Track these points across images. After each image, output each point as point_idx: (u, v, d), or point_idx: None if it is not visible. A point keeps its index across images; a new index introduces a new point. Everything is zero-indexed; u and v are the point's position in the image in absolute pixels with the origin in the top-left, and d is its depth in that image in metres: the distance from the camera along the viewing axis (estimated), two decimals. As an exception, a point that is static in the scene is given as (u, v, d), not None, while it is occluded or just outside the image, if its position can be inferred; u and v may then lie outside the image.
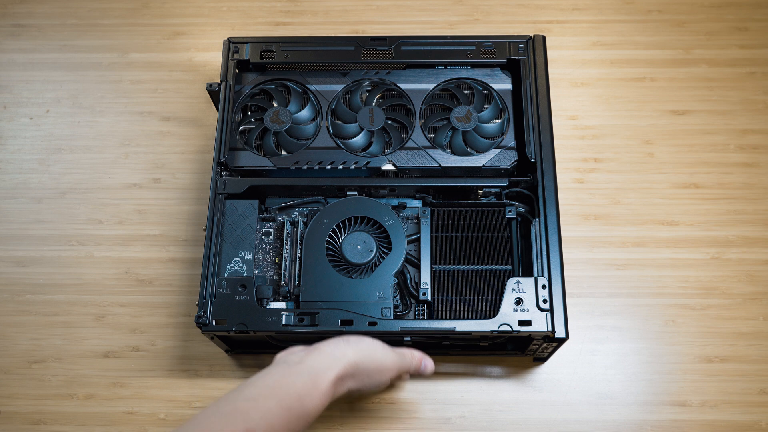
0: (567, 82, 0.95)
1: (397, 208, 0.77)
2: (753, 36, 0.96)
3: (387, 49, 0.82)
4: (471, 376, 0.79)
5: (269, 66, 0.83)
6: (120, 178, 0.91)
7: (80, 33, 1.00)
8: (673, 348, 0.80)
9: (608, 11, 0.99)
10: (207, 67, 0.97)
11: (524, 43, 0.81)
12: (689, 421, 0.77)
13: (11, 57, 0.99)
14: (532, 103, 0.78)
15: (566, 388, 0.79)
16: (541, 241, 0.72)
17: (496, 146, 0.78)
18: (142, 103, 0.95)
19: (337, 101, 0.81)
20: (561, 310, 0.69)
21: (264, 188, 0.78)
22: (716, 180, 0.88)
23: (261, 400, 0.57)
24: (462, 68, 0.82)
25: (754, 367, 0.79)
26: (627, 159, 0.90)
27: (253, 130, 0.80)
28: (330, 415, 0.77)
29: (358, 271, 0.73)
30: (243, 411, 0.56)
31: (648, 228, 0.86)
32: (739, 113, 0.92)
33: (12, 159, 0.92)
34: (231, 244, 0.74)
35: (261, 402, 0.57)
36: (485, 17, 0.99)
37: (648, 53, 0.96)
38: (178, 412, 0.78)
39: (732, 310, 0.82)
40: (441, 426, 0.77)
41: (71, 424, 0.78)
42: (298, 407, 0.58)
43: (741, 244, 0.85)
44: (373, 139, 0.79)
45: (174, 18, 1.01)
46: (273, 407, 0.57)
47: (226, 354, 0.80)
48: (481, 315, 0.71)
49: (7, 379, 0.81)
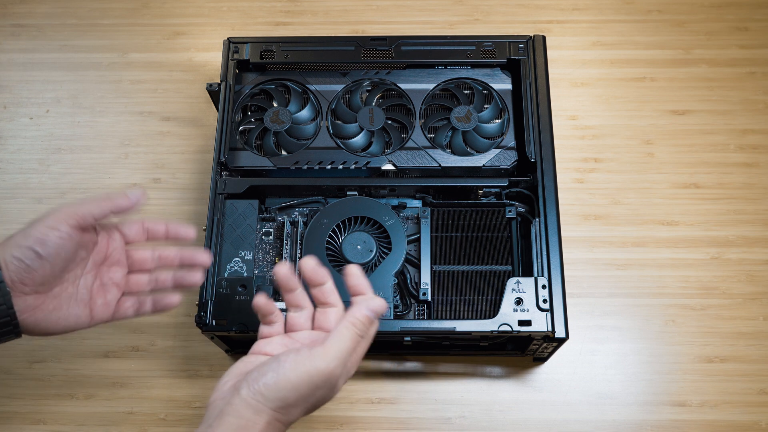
0: (567, 82, 0.95)
1: (397, 208, 0.77)
2: (753, 36, 0.96)
3: (387, 49, 0.82)
4: (471, 376, 0.79)
5: (269, 66, 0.83)
6: (120, 178, 0.91)
7: (80, 33, 1.00)
8: (673, 348, 0.80)
9: (608, 11, 0.99)
10: (207, 67, 0.97)
11: (524, 43, 0.81)
12: (689, 421, 0.77)
13: (11, 57, 0.99)
14: (532, 103, 0.78)
15: (566, 388, 0.79)
16: (541, 241, 0.72)
17: (496, 146, 0.78)
18: (142, 103, 0.95)
19: (337, 101, 0.81)
20: (561, 310, 0.69)
21: (264, 188, 0.78)
22: (716, 180, 0.88)
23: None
24: (462, 68, 0.82)
25: (754, 367, 0.79)
26: (627, 159, 0.90)
27: (253, 130, 0.80)
28: (330, 415, 0.77)
29: (358, 271, 0.73)
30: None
31: (648, 228, 0.86)
32: (739, 113, 0.92)
33: (12, 159, 0.92)
34: (231, 244, 0.74)
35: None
36: (485, 17, 0.99)
37: (648, 53, 0.96)
38: (178, 412, 0.78)
39: (732, 310, 0.82)
40: (441, 426, 0.77)
41: (71, 424, 0.78)
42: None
43: (741, 244, 0.85)
44: (373, 139, 0.79)
45: (174, 18, 1.01)
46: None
47: (226, 354, 0.80)
48: (481, 315, 0.71)
49: (7, 379, 0.81)
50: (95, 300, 0.60)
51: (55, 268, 0.56)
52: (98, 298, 0.60)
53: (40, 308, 0.56)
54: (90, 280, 0.60)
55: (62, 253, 0.56)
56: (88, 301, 0.59)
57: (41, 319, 0.56)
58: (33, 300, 0.56)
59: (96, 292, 0.60)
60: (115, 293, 0.61)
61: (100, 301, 0.60)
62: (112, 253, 0.61)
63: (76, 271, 0.59)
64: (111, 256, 0.61)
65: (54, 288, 0.57)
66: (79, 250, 0.58)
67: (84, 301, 0.59)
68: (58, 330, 0.58)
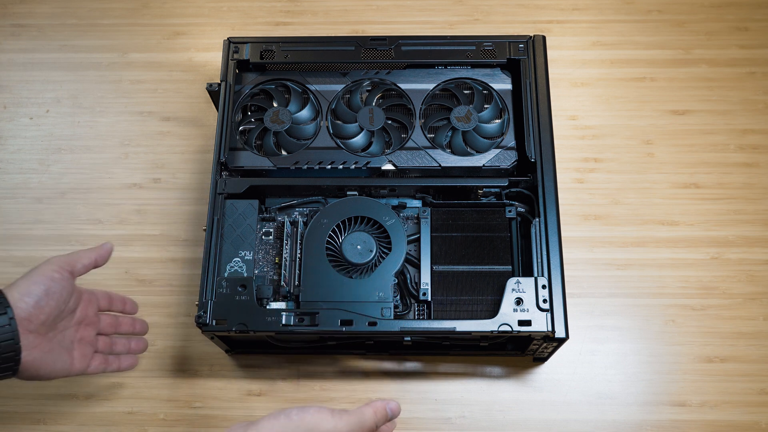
0: (567, 82, 0.95)
1: (397, 208, 0.77)
2: (753, 36, 0.96)
3: (387, 49, 0.82)
4: (471, 376, 0.79)
5: (269, 66, 0.83)
6: (120, 178, 0.91)
7: (80, 33, 1.00)
8: (673, 348, 0.80)
9: (608, 11, 0.99)
10: (207, 67, 0.97)
11: (524, 43, 0.81)
12: (689, 421, 0.77)
13: (11, 57, 0.99)
14: (532, 103, 0.78)
15: (566, 388, 0.79)
16: (541, 241, 0.72)
17: (496, 146, 0.78)
18: (142, 103, 0.95)
19: (337, 101, 0.81)
20: (561, 310, 0.69)
21: (264, 188, 0.78)
22: (716, 180, 0.88)
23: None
24: (462, 68, 0.82)
25: (754, 367, 0.79)
26: (627, 159, 0.90)
27: (253, 130, 0.80)
28: (330, 415, 0.77)
29: (358, 271, 0.73)
30: None
31: (648, 228, 0.86)
32: (739, 113, 0.92)
33: (12, 159, 0.92)
34: (231, 244, 0.74)
35: None
36: (485, 17, 0.99)
37: (648, 53, 0.96)
38: (178, 412, 0.78)
39: (732, 310, 0.82)
40: (441, 426, 0.77)
41: (71, 424, 0.78)
42: None
43: (741, 244, 0.85)
44: (373, 139, 0.79)
45: (174, 18, 1.01)
46: None
47: (226, 354, 0.80)
48: (481, 315, 0.71)
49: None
50: (75, 352, 0.67)
51: (54, 310, 0.62)
52: (77, 351, 0.67)
53: (38, 348, 0.61)
54: (72, 333, 0.67)
55: (63, 294, 0.63)
56: (71, 351, 0.66)
57: (38, 358, 0.61)
58: (34, 339, 0.61)
59: (76, 345, 0.67)
60: (90, 349, 0.69)
61: (78, 353, 0.67)
62: (88, 312, 0.69)
63: (66, 322, 0.66)
64: (87, 317, 0.69)
65: (50, 333, 0.63)
66: (70, 299, 0.65)
67: (68, 350, 0.66)
68: (48, 373, 0.63)
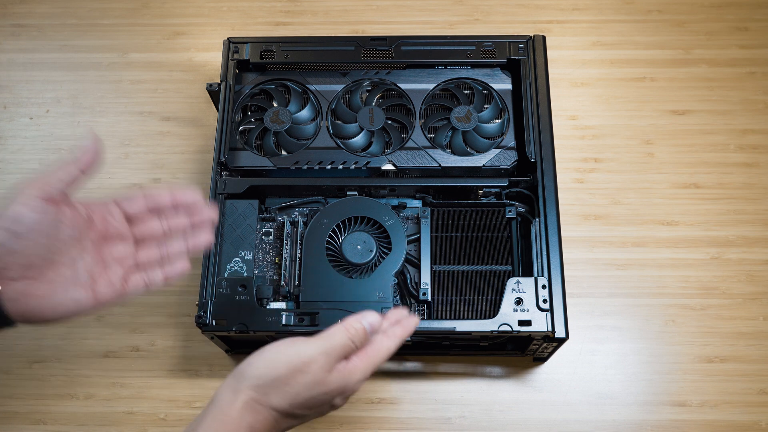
0: (567, 82, 0.95)
1: (397, 208, 0.77)
2: (753, 36, 0.96)
3: (387, 49, 0.82)
4: (471, 376, 0.79)
5: (269, 66, 0.83)
6: (120, 178, 0.91)
7: (80, 33, 1.00)
8: (673, 348, 0.80)
9: (608, 11, 0.99)
10: (207, 67, 0.97)
11: (524, 43, 0.81)
12: (689, 421, 0.77)
13: (11, 57, 0.99)
14: (532, 103, 0.78)
15: (566, 388, 0.79)
16: (541, 241, 0.72)
17: (496, 146, 0.78)
18: (142, 103, 0.95)
19: (337, 101, 0.81)
20: (561, 310, 0.69)
21: (264, 188, 0.78)
22: (716, 180, 0.88)
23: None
24: (462, 68, 0.82)
25: (754, 367, 0.79)
26: (627, 159, 0.90)
27: (253, 130, 0.80)
28: (330, 415, 0.77)
29: (358, 271, 0.73)
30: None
31: (648, 228, 0.86)
32: (739, 113, 0.92)
33: (12, 159, 0.92)
34: (231, 244, 0.74)
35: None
36: (485, 17, 0.99)
37: (648, 53, 0.96)
38: (178, 412, 0.78)
39: (732, 310, 0.82)
40: (441, 426, 0.77)
41: (71, 424, 0.78)
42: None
43: (741, 244, 0.85)
44: (373, 139, 0.79)
45: (174, 18, 1.01)
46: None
47: (226, 354, 0.80)
48: (481, 315, 0.71)
49: (7, 379, 0.81)
50: (98, 281, 0.56)
51: (38, 248, 0.52)
52: (101, 279, 0.56)
53: (32, 295, 0.53)
54: (90, 260, 0.56)
55: (41, 228, 0.52)
56: (90, 284, 0.56)
57: (35, 306, 0.53)
58: (23, 286, 0.53)
59: (98, 272, 0.56)
60: (119, 271, 0.57)
61: (103, 281, 0.56)
62: (109, 229, 0.57)
63: (71, 253, 0.55)
64: (109, 233, 0.57)
65: (46, 272, 0.54)
66: (61, 227, 0.53)
67: (85, 283, 0.55)
68: (57, 316, 0.55)
